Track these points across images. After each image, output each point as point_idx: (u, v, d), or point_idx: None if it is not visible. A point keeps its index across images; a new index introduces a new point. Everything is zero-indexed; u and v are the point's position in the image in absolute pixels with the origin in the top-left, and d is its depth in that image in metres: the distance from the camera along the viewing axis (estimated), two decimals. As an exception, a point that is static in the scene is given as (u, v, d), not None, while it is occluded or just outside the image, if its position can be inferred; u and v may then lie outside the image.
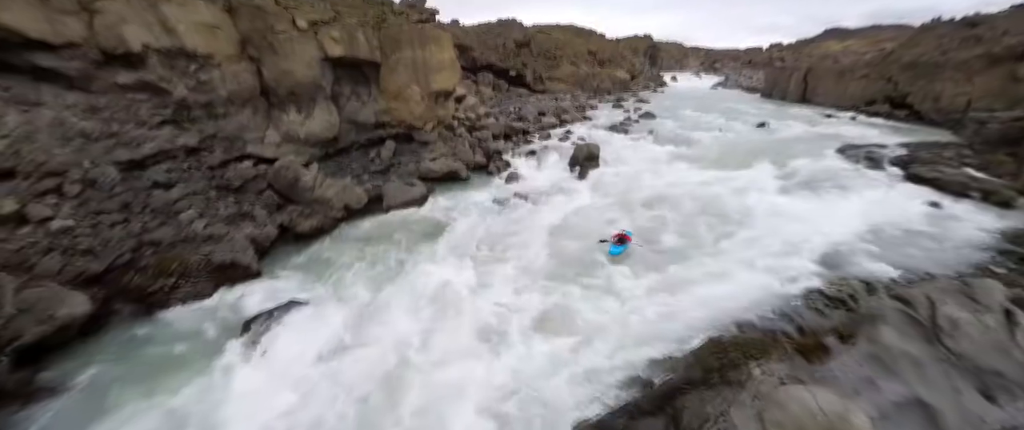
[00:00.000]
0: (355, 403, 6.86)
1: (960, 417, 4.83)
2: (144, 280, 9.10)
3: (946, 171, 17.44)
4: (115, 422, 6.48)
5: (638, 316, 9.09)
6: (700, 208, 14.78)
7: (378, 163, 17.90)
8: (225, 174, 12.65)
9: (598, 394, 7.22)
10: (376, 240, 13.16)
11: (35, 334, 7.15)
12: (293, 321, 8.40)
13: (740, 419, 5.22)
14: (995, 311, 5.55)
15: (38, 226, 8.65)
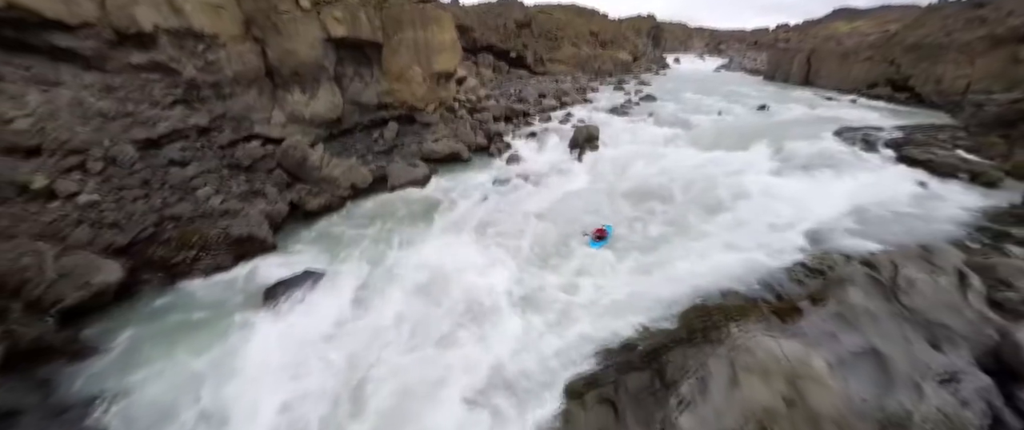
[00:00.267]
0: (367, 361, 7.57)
1: (908, 363, 5.47)
2: (167, 252, 9.71)
3: (938, 153, 17.81)
4: (150, 375, 7.17)
5: (629, 287, 9.73)
6: (694, 188, 15.26)
7: (381, 144, 18.28)
8: (235, 153, 13.12)
9: (589, 354, 7.92)
10: (382, 218, 13.73)
11: (75, 298, 7.80)
12: (309, 289, 9.05)
13: (716, 367, 5.88)
14: (949, 273, 6.13)
15: (67, 200, 9.20)
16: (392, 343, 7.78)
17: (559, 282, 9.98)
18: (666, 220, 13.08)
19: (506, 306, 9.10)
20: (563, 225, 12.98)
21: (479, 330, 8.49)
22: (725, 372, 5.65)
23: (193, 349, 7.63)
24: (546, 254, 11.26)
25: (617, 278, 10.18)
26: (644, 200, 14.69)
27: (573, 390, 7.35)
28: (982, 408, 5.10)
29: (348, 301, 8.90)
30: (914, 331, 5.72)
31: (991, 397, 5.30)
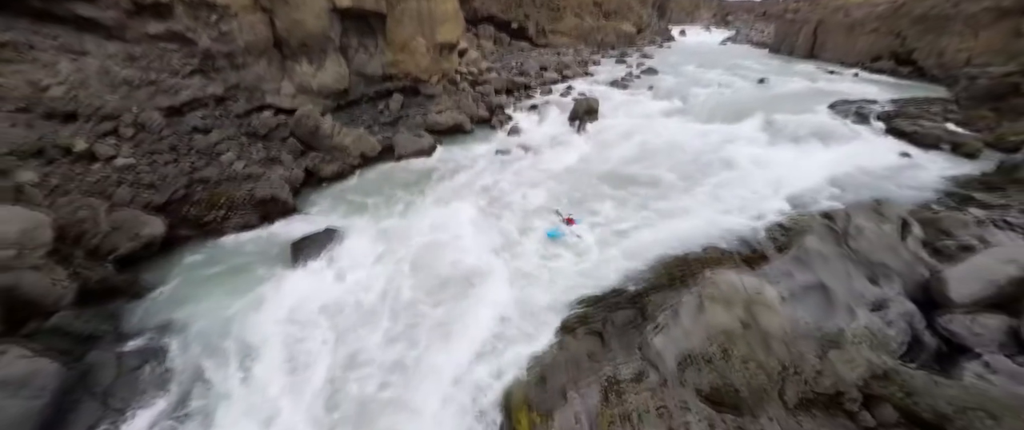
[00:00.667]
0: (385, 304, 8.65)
1: (847, 294, 6.50)
2: (199, 211, 10.66)
3: (925, 125, 18.41)
4: (198, 312, 8.24)
5: (619, 245, 10.73)
6: (686, 157, 16.04)
7: (387, 115, 18.85)
8: (251, 122, 13.81)
9: (581, 299, 9.00)
10: (391, 184, 14.59)
11: (128, 248, 8.80)
12: (332, 243, 10.05)
13: (686, 300, 6.93)
14: (893, 222, 7.05)
15: (106, 163, 10.03)
16: (407, 288, 8.84)
17: (554, 238, 10.97)
18: (657, 187, 13.95)
19: (506, 261, 10.14)
20: (562, 188, 13.88)
21: (483, 280, 9.54)
22: (694, 303, 6.69)
23: (233, 291, 8.70)
24: (544, 215, 12.21)
25: (608, 236, 11.17)
26: (638, 168, 15.50)
27: (567, 326, 8.48)
28: (903, 328, 6.17)
29: (366, 254, 9.92)
30: (856, 269, 6.71)
31: (914, 321, 6.36)
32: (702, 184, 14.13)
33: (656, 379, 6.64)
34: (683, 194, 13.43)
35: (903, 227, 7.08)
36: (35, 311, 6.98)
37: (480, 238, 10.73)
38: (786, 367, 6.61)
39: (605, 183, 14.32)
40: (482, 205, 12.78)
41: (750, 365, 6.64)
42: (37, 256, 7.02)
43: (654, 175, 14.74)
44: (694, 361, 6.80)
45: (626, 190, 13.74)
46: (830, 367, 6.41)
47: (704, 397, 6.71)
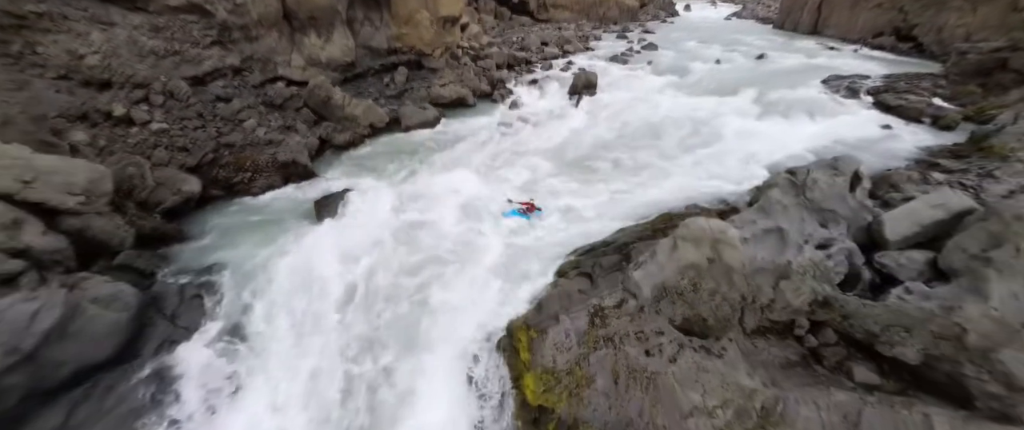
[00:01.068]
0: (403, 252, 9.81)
1: (798, 235, 7.62)
2: (228, 173, 11.67)
3: (910, 99, 19.10)
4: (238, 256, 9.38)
5: (611, 205, 11.81)
6: (678, 129, 16.89)
7: (392, 88, 19.53)
8: (267, 92, 14.60)
9: (575, 250, 10.15)
10: (399, 153, 15.52)
11: (171, 201, 9.89)
12: (350, 201, 11.13)
13: (663, 243, 8.06)
14: (846, 175, 8.08)
15: (142, 127, 10.96)
16: (422, 236, 9.99)
17: (558, 196, 12.07)
18: (648, 155, 14.89)
19: (514, 214, 11.24)
20: (560, 156, 14.85)
21: (488, 235, 10.69)
22: (669, 243, 7.82)
23: (266, 240, 9.84)
24: (543, 179, 13.23)
25: (601, 198, 12.23)
26: (631, 139, 16.39)
27: (561, 271, 9.67)
28: (842, 261, 7.31)
29: (384, 209, 11.01)
30: (809, 215, 7.80)
31: (853, 257, 7.51)
32: (691, 153, 15.08)
33: (634, 306, 7.86)
34: (672, 162, 14.40)
35: (854, 180, 8.12)
36: (103, 251, 8.13)
37: (483, 199, 11.80)
38: (745, 297, 7.83)
39: (600, 152, 15.25)
40: (484, 172, 13.78)
41: (716, 297, 7.86)
42: (101, 203, 8.09)
43: (646, 144, 15.67)
44: (668, 293, 8.01)
45: (619, 159, 14.69)
46: (781, 296, 7.62)
47: (676, 326, 7.97)
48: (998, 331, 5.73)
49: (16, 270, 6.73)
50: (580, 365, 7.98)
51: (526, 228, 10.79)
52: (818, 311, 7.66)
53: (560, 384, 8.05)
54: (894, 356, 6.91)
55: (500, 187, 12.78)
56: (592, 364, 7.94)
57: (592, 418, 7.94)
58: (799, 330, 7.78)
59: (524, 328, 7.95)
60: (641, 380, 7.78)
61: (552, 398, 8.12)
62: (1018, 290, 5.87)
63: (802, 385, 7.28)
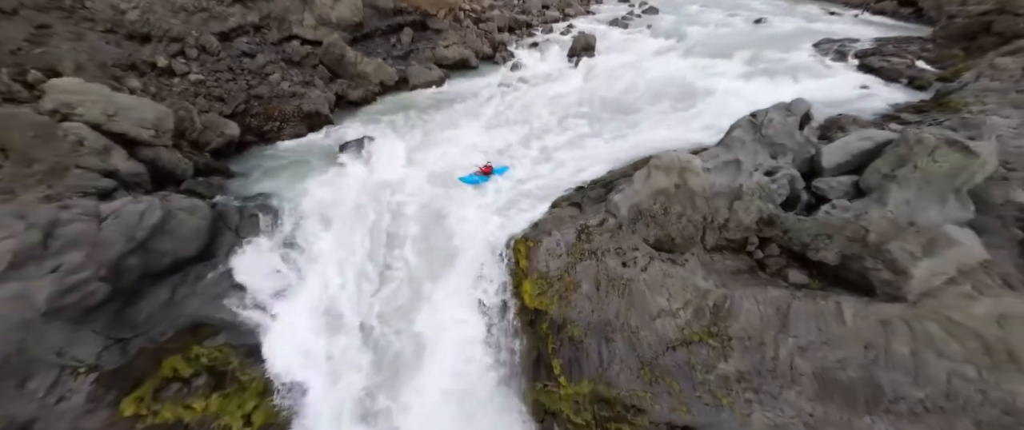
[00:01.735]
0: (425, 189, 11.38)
1: (752, 164, 9.14)
2: (259, 122, 13.05)
3: (892, 61, 20.02)
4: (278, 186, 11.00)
5: (602, 152, 13.26)
6: (669, 89, 17.98)
7: (399, 48, 20.41)
8: (285, 50, 15.67)
9: (568, 187, 11.72)
10: (408, 109, 16.78)
11: (217, 143, 11.36)
12: (370, 145, 12.60)
13: (639, 172, 9.60)
14: (797, 116, 9.49)
15: (183, 78, 12.22)
16: (438, 172, 11.57)
17: (555, 146, 13.54)
18: (638, 111, 16.16)
19: (511, 161, 12.74)
20: (558, 111, 16.17)
21: (499, 175, 12.24)
22: (644, 172, 9.37)
23: (300, 176, 11.43)
24: (541, 132, 14.62)
25: (595, 147, 13.67)
26: (626, 98, 17.55)
27: (555, 203, 11.29)
28: (785, 184, 8.87)
29: (399, 154, 12.52)
30: (763, 148, 9.30)
31: (795, 182, 9.05)
32: (678, 109, 16.32)
33: (614, 224, 9.53)
34: (662, 117, 15.70)
35: (804, 120, 9.53)
36: (170, 179, 9.70)
37: (487, 145, 13.25)
38: (706, 218, 9.48)
39: (595, 109, 16.50)
40: (488, 123, 15.13)
41: (682, 219, 9.52)
42: (166, 138, 9.56)
43: (638, 102, 16.88)
44: (643, 216, 9.66)
45: (611, 113, 15.98)
46: (735, 215, 9.25)
47: (649, 244, 9.68)
48: (890, 228, 7.36)
49: (110, 187, 8.32)
50: (568, 272, 9.77)
51: (526, 172, 12.30)
52: (765, 228, 9.32)
53: (552, 288, 9.89)
54: (819, 260, 8.62)
55: (503, 138, 14.19)
56: (578, 272, 9.72)
57: (578, 318, 9.83)
58: (750, 247, 9.48)
59: (523, 240, 9.66)
60: (618, 286, 9.60)
61: (545, 301, 9.98)
62: (910, 197, 7.46)
63: (746, 286, 9.07)
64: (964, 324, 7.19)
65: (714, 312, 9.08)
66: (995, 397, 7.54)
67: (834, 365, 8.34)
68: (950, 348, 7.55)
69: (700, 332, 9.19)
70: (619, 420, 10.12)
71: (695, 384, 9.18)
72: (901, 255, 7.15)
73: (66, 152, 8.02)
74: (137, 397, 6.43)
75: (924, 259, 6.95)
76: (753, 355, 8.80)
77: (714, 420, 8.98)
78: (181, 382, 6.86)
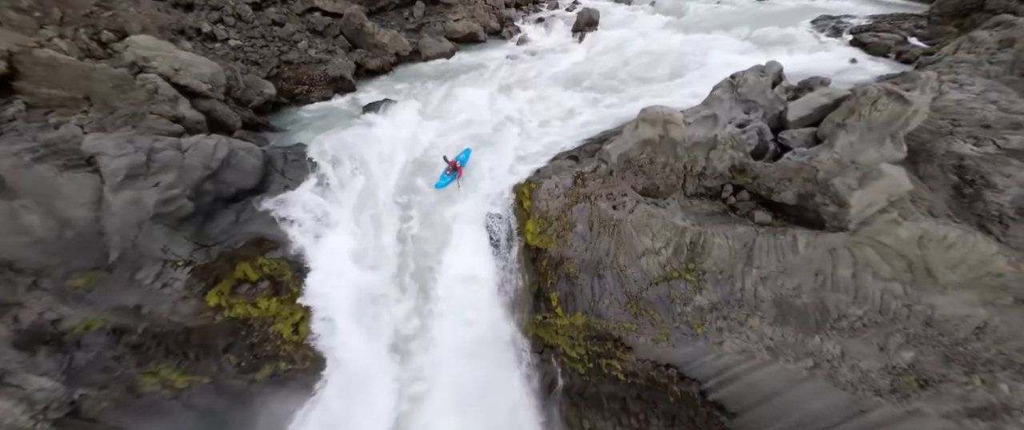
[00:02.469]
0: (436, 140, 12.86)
1: (726, 117, 10.48)
2: (289, 85, 14.48)
3: (884, 37, 20.83)
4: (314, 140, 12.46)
5: (599, 114, 14.60)
6: (666, 61, 19.08)
7: (412, 22, 21.52)
8: (309, 20, 16.93)
9: (566, 144, 13.13)
10: (422, 77, 18.10)
11: (257, 101, 12.86)
12: (391, 107, 14.04)
13: (628, 124, 10.99)
14: (769, 76, 10.75)
15: (223, 43, 13.62)
16: (452, 131, 13.06)
17: (558, 110, 14.91)
18: (639, 80, 17.36)
19: (519, 122, 14.17)
20: (561, 79, 17.45)
21: (504, 134, 13.67)
22: (632, 124, 10.76)
23: (330, 131, 12.93)
24: (544, 99, 15.95)
25: (595, 111, 15.01)
26: (626, 68, 18.69)
27: (555, 158, 12.76)
28: (754, 135, 10.22)
29: (416, 114, 13.96)
30: (738, 105, 10.62)
31: (764, 134, 10.40)
32: (676, 79, 17.49)
33: (605, 170, 11.00)
34: (659, 85, 16.92)
35: (777, 79, 10.80)
36: (223, 129, 11.25)
37: (496, 107, 14.66)
38: (686, 166, 10.91)
39: (597, 79, 17.70)
40: (498, 91, 16.46)
41: (666, 169, 10.97)
42: (219, 93, 11.05)
43: (635, 72, 18.06)
44: (631, 165, 11.11)
45: (612, 83, 17.21)
46: (710, 163, 10.66)
47: (637, 192, 11.16)
48: (835, 167, 8.75)
49: (178, 132, 9.89)
50: (565, 213, 11.31)
51: (530, 130, 13.72)
52: (737, 176, 10.73)
53: (551, 227, 11.45)
54: (781, 201, 10.06)
55: (509, 104, 15.55)
56: (574, 213, 11.26)
57: (573, 256, 11.42)
58: (725, 194, 10.93)
59: (526, 183, 11.18)
60: (609, 227, 11.14)
61: (545, 239, 11.57)
62: (854, 140, 8.82)
63: (718, 224, 10.56)
64: (892, 247, 8.65)
65: (690, 249, 10.59)
66: (918, 310, 9.09)
67: (791, 292, 9.89)
68: (882, 269, 9.05)
69: (679, 269, 10.75)
70: (609, 356, 11.84)
71: (674, 315, 10.78)
72: (842, 187, 8.53)
73: (142, 100, 9.56)
74: (218, 291, 8.13)
75: (859, 189, 8.32)
76: (723, 287, 10.37)
77: (692, 351, 10.50)
78: (249, 284, 8.57)
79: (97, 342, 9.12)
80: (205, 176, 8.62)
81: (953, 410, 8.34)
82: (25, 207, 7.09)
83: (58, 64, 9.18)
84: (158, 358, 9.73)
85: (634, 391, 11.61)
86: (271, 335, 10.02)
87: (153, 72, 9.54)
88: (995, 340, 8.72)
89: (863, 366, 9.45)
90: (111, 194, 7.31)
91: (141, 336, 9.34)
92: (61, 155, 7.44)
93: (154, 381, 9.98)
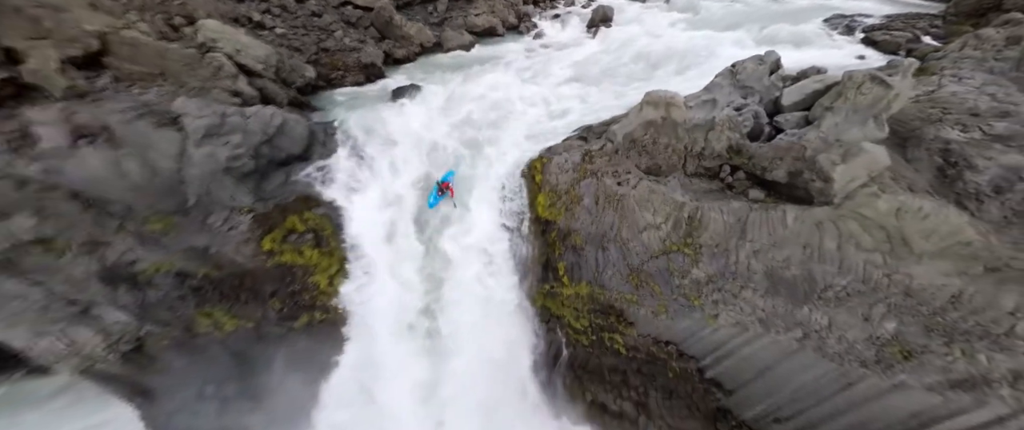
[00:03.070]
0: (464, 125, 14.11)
1: (725, 101, 11.40)
2: (326, 70, 15.97)
3: (896, 35, 21.14)
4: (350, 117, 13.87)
5: (607, 102, 15.63)
6: (676, 55, 19.91)
7: (435, 15, 22.93)
8: (343, 12, 18.46)
9: (579, 126, 14.21)
10: (444, 66, 19.43)
11: (299, 82, 14.36)
12: (418, 91, 15.38)
13: (634, 107, 11.99)
14: (767, 64, 11.60)
15: (270, 31, 15.19)
16: (474, 112, 14.31)
17: (569, 96, 16.03)
18: (645, 73, 18.30)
19: (532, 105, 15.34)
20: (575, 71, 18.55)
21: (520, 117, 14.84)
22: (638, 107, 11.77)
23: (363, 110, 14.33)
24: (557, 87, 17.07)
25: (604, 99, 16.04)
26: (636, 61, 19.63)
27: (567, 138, 13.85)
28: (749, 118, 11.12)
29: (440, 98, 15.28)
30: (735, 90, 11.52)
31: (760, 118, 11.28)
32: (682, 73, 18.34)
33: (611, 149, 12.03)
34: (663, 77, 17.83)
35: (774, 67, 11.65)
36: (273, 105, 12.72)
37: (511, 93, 15.88)
38: (687, 147, 11.86)
39: (608, 70, 18.75)
40: (516, 79, 17.70)
41: (668, 149, 11.95)
42: (271, 73, 12.55)
43: (644, 65, 19.01)
44: (635, 145, 12.12)
45: (622, 74, 18.21)
46: (709, 144, 11.59)
47: (641, 170, 12.17)
48: (821, 144, 9.60)
49: (238, 104, 11.38)
50: (573, 188, 12.39)
51: (548, 109, 14.86)
52: (734, 156, 11.63)
53: (560, 200, 12.56)
54: (773, 179, 10.92)
55: (524, 91, 16.72)
56: (581, 188, 12.33)
57: (580, 229, 12.49)
58: (723, 174, 11.83)
59: (539, 158, 12.32)
60: (613, 202, 12.17)
61: (554, 212, 12.68)
62: (839, 121, 9.65)
63: (714, 200, 11.47)
64: (872, 218, 9.44)
65: (689, 223, 11.51)
66: (897, 279, 9.82)
67: (781, 264, 10.72)
68: (864, 240, 9.84)
69: (678, 243, 11.69)
70: (611, 330, 12.84)
71: (673, 288, 11.71)
72: (826, 163, 9.34)
73: (208, 76, 11.09)
74: (272, 237, 9.53)
75: (841, 164, 9.13)
76: (719, 260, 11.26)
77: (690, 325, 11.28)
78: (297, 234, 9.96)
79: (165, 283, 10.67)
80: (263, 140, 10.05)
81: (936, 382, 8.78)
82: (127, 156, 8.62)
83: (139, 44, 10.78)
84: (214, 301, 11.26)
85: (635, 364, 12.53)
86: (310, 285, 11.43)
87: (219, 52, 11.06)
88: (971, 310, 9.33)
89: (849, 336, 10.09)
90: (193, 148, 8.80)
91: (201, 280, 10.87)
92: (155, 115, 8.97)
93: (208, 322, 11.51)
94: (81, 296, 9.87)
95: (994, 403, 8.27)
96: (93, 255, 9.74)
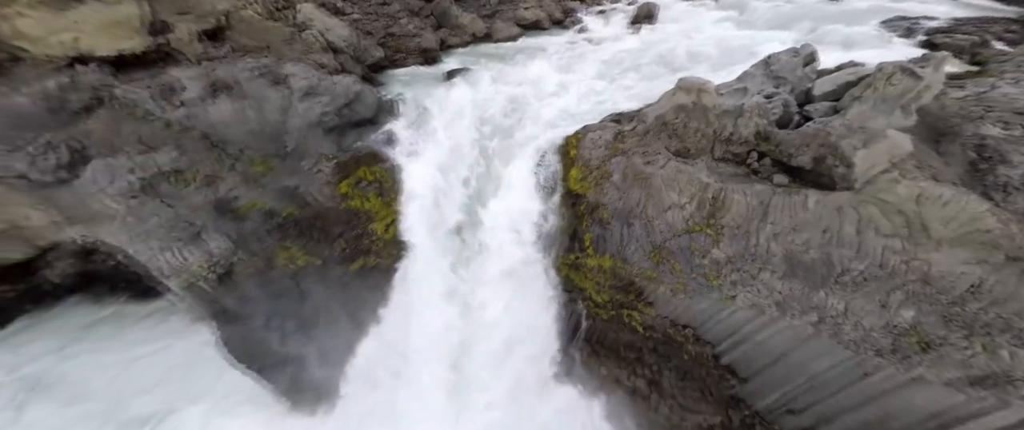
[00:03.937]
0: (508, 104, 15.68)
1: (755, 89, 12.08)
2: (391, 52, 18.14)
3: (961, 39, 20.18)
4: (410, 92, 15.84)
5: (643, 91, 16.57)
6: (717, 51, 20.37)
7: (487, 8, 24.69)
8: (408, 2, 20.65)
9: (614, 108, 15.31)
10: (492, 55, 21.10)
11: (370, 61, 16.56)
12: (469, 74, 17.14)
13: (666, 91, 12.95)
14: (802, 56, 12.12)
15: (348, 16, 17.56)
16: (517, 93, 15.85)
17: (608, 84, 17.18)
18: (682, 67, 18.95)
19: (575, 91, 16.64)
20: (612, 62, 19.60)
21: (561, 99, 16.18)
22: (671, 91, 12.72)
23: (424, 86, 16.27)
24: (597, 76, 18.22)
25: (640, 87, 17.01)
26: (675, 56, 20.29)
27: (602, 119, 15.00)
28: (779, 106, 11.75)
29: (488, 80, 16.92)
30: (768, 80, 12.16)
31: (789, 106, 11.87)
32: (722, 69, 18.81)
33: (642, 129, 13.07)
34: (701, 72, 18.38)
35: (809, 60, 12.17)
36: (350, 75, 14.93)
37: (554, 78, 17.24)
38: (716, 132, 12.68)
39: (646, 63, 19.60)
40: (558, 67, 19.04)
41: (697, 133, 12.84)
42: (350, 51, 14.75)
43: (683, 60, 19.67)
44: (666, 127, 13.08)
45: (658, 68, 19.02)
46: (737, 129, 12.34)
47: (670, 152, 13.11)
48: (845, 131, 10.14)
49: (325, 73, 13.60)
50: (604, 164, 13.55)
51: (587, 95, 16.13)
52: (761, 143, 12.30)
53: (591, 175, 13.77)
54: (798, 165, 11.52)
55: (565, 78, 18.02)
56: (611, 165, 13.46)
57: (608, 203, 13.63)
58: (750, 160, 12.53)
59: (574, 135, 13.60)
60: (640, 180, 13.21)
61: (585, 186, 13.91)
62: (865, 110, 10.14)
63: (738, 183, 12.22)
64: (892, 203, 9.88)
65: (712, 204, 12.33)
66: (915, 265, 10.18)
67: (800, 247, 11.30)
68: (883, 224, 10.28)
69: (700, 223, 12.53)
70: (631, 307, 13.85)
71: (693, 267, 12.53)
72: (847, 148, 9.87)
73: (303, 50, 13.39)
74: (347, 182, 11.55)
75: (862, 149, 9.63)
76: (739, 241, 12.00)
77: (707, 307, 11.82)
78: (366, 182, 11.95)
79: (256, 217, 13.05)
80: (344, 103, 12.12)
81: (955, 378, 8.51)
82: (248, 106, 10.98)
83: (253, 21, 13.24)
84: (293, 236, 13.55)
85: (650, 343, 13.39)
86: (369, 231, 13.45)
87: (312, 30, 13.32)
88: (991, 301, 9.50)
89: (866, 323, 10.34)
90: (297, 102, 11.01)
91: (285, 218, 13.17)
92: (270, 74, 11.31)
93: (285, 256, 13.84)
94: (198, 220, 12.36)
95: (1017, 405, 7.85)
96: (210, 187, 12.19)
